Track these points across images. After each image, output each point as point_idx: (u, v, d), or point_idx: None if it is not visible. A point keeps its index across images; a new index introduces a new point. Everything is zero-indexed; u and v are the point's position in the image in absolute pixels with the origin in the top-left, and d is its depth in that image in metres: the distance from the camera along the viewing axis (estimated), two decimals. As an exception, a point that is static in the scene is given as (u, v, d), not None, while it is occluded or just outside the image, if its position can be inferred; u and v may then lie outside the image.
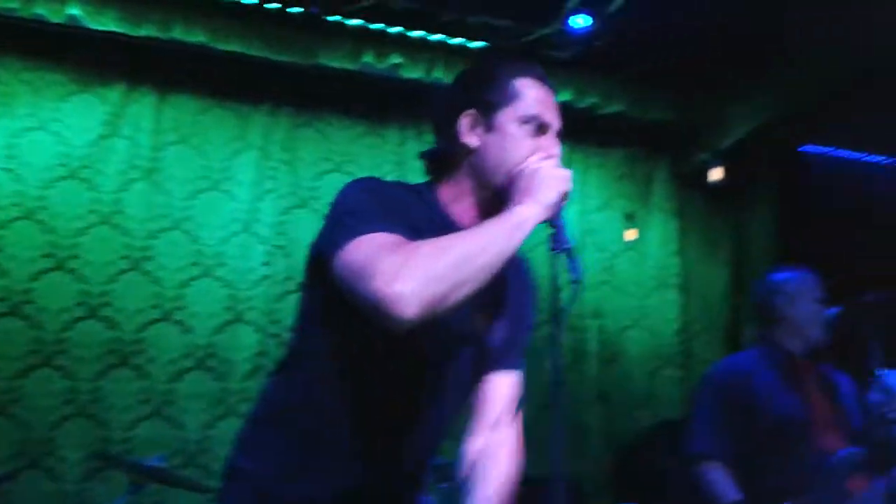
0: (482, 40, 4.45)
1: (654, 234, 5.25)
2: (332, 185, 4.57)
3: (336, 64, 4.33)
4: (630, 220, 4.95)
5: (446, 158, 1.58)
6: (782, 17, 4.17)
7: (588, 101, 4.85)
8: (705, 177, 4.87)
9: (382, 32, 4.33)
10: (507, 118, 1.52)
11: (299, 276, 1.74)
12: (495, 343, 1.61)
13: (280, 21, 4.17)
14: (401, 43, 4.39)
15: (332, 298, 1.44)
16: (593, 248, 5.08)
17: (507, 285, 1.60)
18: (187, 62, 4.32)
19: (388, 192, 1.51)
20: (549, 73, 1.63)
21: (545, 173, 1.44)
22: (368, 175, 1.67)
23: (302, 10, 4.11)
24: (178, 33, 4.06)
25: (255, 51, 4.19)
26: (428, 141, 4.82)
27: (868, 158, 5.45)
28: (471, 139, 1.55)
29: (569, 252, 1.40)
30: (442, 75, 4.50)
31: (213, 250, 4.33)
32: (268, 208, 4.47)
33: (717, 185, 4.85)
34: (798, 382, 2.70)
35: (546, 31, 4.35)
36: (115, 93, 4.25)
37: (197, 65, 4.36)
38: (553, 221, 1.42)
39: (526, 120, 1.52)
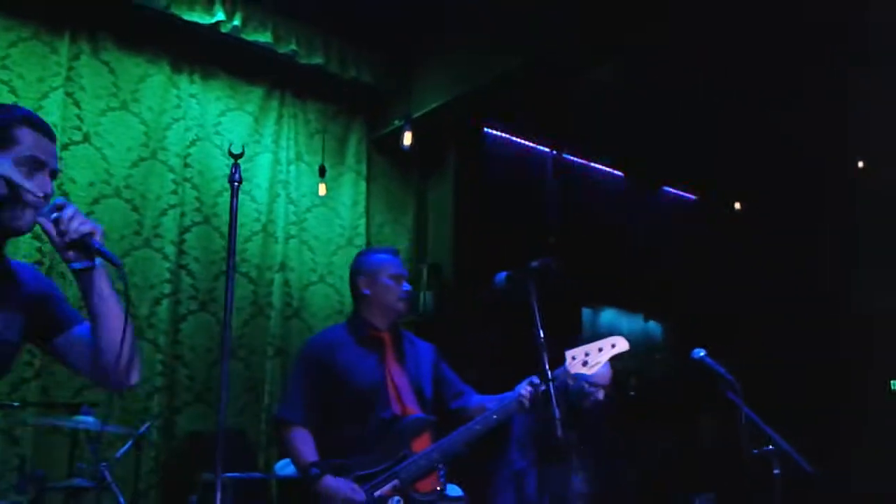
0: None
1: (346, 192, 5.29)
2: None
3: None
4: (322, 174, 4.92)
5: None
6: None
7: (289, 47, 4.72)
8: (396, 142, 4.99)
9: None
10: (4, 158, 1.65)
11: None
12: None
13: None
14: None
15: None
16: (285, 200, 4.97)
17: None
18: None
19: None
20: (251, 10, 1.51)
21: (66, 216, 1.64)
22: None
23: None
24: None
25: None
26: (106, 60, 4.39)
27: (538, 146, 6.03)
28: None
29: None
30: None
31: None
32: None
33: (405, 150, 4.99)
34: (377, 353, 2.97)
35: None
36: None
37: None
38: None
39: (21, 161, 1.66)
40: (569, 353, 2.81)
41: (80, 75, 4.31)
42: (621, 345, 2.86)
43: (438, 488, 2.82)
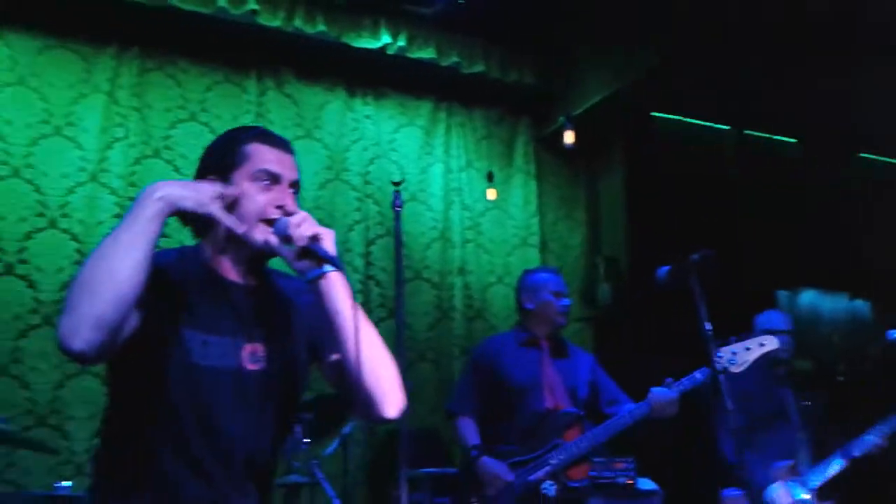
0: (344, -9, 4.40)
1: (516, 194, 5.40)
2: (186, 134, 4.42)
3: (188, 7, 4.16)
4: (490, 179, 5.07)
5: (202, 220, 1.65)
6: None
7: (451, 59, 4.91)
8: (562, 140, 5.04)
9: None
10: (241, 177, 1.65)
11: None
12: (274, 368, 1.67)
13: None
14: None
15: None
16: (459, 206, 5.18)
17: (273, 312, 1.70)
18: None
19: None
20: (414, 30, 1.67)
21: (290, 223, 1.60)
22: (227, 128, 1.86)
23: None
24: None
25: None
26: (288, 93, 4.82)
27: (713, 125, 5.80)
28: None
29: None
30: (302, 24, 4.42)
31: (57, 201, 4.10)
32: (117, 157, 4.27)
33: (571, 148, 5.03)
34: (536, 355, 3.43)
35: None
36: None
37: (37, 2, 4.08)
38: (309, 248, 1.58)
39: (256, 176, 1.66)
40: (718, 351, 2.80)
41: (269, 110, 4.74)
42: (770, 344, 2.84)
43: (591, 475, 3.18)
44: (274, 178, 1.66)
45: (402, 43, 4.73)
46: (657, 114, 5.57)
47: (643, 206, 5.27)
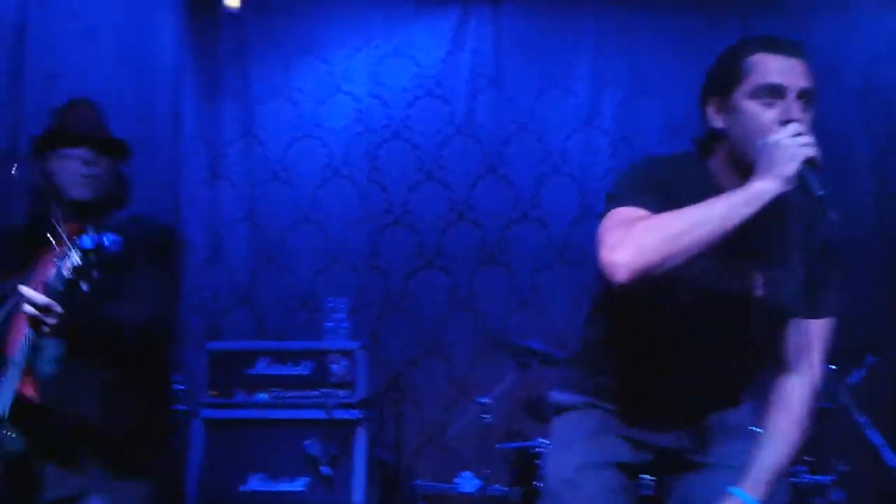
0: None
1: None
2: (672, 72, 4.44)
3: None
4: None
5: (708, 139, 1.68)
6: None
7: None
8: None
9: None
10: (742, 96, 1.58)
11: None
12: (784, 291, 1.66)
13: None
14: None
15: None
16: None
17: (789, 235, 1.64)
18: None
19: (652, 171, 1.70)
20: None
21: (783, 146, 1.47)
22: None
23: None
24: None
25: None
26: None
27: None
28: (717, 123, 1.64)
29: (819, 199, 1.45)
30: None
31: (558, 148, 4.49)
32: (607, 101, 4.49)
33: None
34: None
35: None
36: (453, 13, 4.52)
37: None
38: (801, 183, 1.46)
39: (756, 93, 1.56)
40: None
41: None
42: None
43: None
44: (776, 92, 1.54)
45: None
46: None
47: None
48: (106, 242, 1.74)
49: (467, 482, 3.73)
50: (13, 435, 1.92)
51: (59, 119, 2.20)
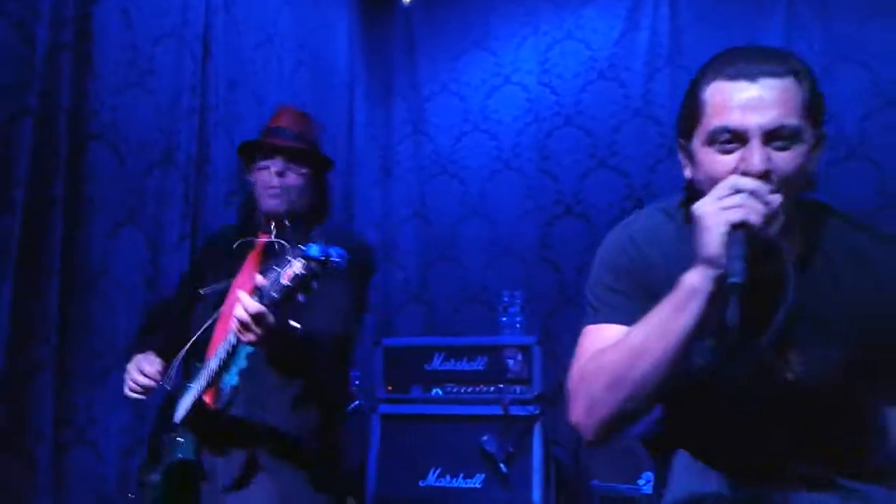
0: None
1: None
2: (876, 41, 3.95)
3: None
4: None
5: (689, 190, 1.36)
6: None
7: None
8: None
9: None
10: (698, 141, 1.26)
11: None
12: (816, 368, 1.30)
13: None
14: None
15: None
16: None
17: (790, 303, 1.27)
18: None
19: (621, 257, 1.42)
20: None
21: (705, 215, 1.16)
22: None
23: None
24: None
25: None
26: None
27: None
28: (686, 172, 1.35)
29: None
30: None
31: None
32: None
33: None
34: None
35: None
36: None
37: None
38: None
39: (713, 137, 1.22)
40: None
41: None
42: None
43: None
44: (735, 136, 1.20)
45: None
46: None
47: None
48: (333, 255, 1.63)
49: (651, 484, 3.51)
50: (182, 441, 1.94)
51: (264, 129, 2.21)
